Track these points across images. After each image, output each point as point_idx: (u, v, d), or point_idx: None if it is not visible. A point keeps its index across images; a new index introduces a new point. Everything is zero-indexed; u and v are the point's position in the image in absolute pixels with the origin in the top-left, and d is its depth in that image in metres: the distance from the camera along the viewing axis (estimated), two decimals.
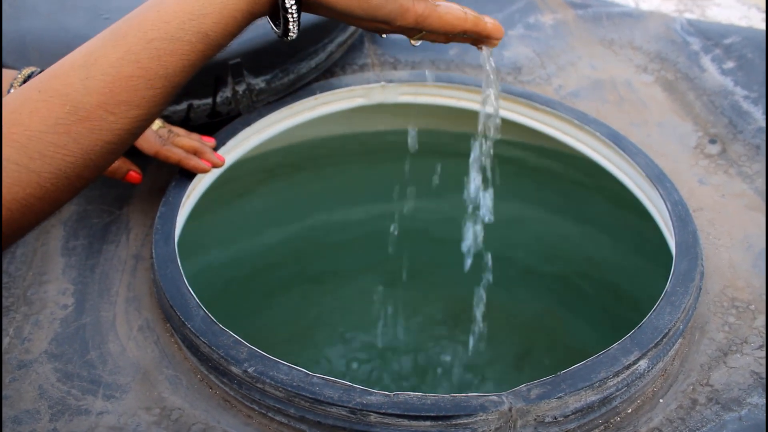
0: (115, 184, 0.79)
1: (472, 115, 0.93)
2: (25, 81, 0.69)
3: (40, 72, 0.71)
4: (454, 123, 1.14)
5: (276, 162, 1.19)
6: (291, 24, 0.51)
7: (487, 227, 1.24)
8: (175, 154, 0.72)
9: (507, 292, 1.25)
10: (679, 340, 0.63)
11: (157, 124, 0.74)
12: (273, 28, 0.53)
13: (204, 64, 0.49)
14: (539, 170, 1.15)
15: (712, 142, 0.88)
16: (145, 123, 0.47)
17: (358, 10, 0.52)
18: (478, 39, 0.62)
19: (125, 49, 0.45)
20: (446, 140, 1.18)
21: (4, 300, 0.67)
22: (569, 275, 1.21)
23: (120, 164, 0.72)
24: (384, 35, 0.74)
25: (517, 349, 1.23)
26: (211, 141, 0.78)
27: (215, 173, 0.82)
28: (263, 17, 0.52)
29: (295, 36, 0.52)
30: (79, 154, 0.44)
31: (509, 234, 1.23)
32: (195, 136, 0.76)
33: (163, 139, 0.72)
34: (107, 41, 0.46)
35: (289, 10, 0.49)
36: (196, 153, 0.74)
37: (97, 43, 0.47)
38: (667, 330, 0.60)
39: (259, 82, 0.81)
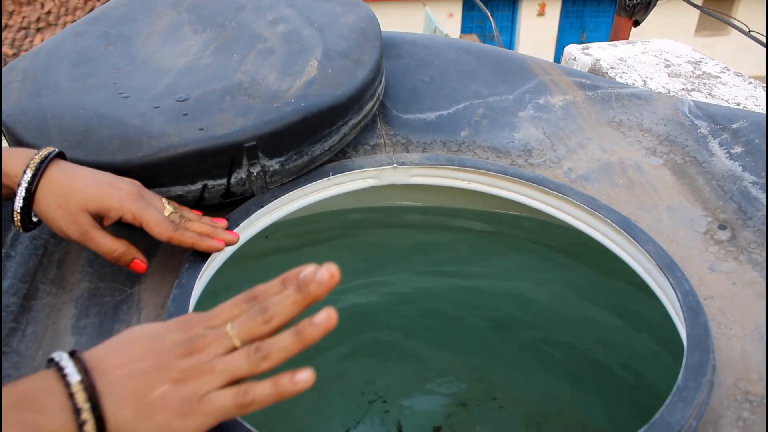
0: None
1: (483, 196, 0.94)
2: (41, 162, 0.70)
3: (57, 153, 0.72)
4: (465, 201, 1.15)
5: (282, 234, 1.20)
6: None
7: (499, 303, 1.24)
8: (188, 238, 0.73)
9: (517, 371, 1.24)
10: None
11: (168, 209, 0.75)
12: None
13: None
14: (552, 248, 1.16)
15: (722, 227, 0.89)
16: None
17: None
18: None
19: None
20: (456, 216, 1.19)
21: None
22: (580, 355, 1.20)
23: (125, 250, 0.72)
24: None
25: (534, 424, 1.21)
26: (222, 222, 0.79)
27: (227, 252, 0.83)
28: None
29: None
30: None
31: (522, 312, 1.23)
32: (206, 219, 0.77)
33: (174, 224, 0.73)
34: None
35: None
36: (208, 236, 0.75)
37: None
38: (679, 428, 0.59)
39: (273, 164, 0.83)
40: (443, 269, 1.26)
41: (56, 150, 0.73)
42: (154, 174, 0.79)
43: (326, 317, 0.53)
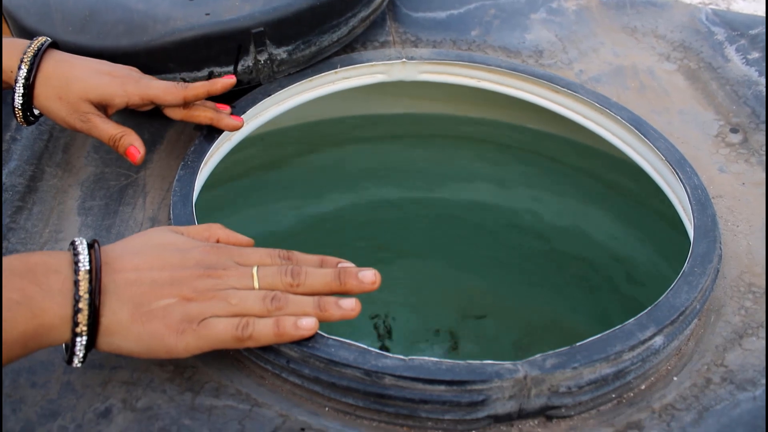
0: None
1: (490, 96, 0.93)
2: (35, 55, 0.68)
3: (51, 43, 0.71)
4: (472, 107, 1.14)
5: (290, 139, 1.19)
6: (77, 349, 0.49)
7: (500, 213, 1.24)
8: (206, 114, 0.73)
9: (519, 278, 1.24)
10: (695, 320, 0.62)
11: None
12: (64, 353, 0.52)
13: None
14: (556, 159, 1.15)
15: (734, 131, 0.88)
16: None
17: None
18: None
19: None
20: (465, 125, 1.18)
21: None
22: (579, 262, 1.20)
23: (126, 135, 0.70)
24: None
25: (529, 334, 1.22)
26: (225, 108, 0.77)
27: (234, 140, 0.82)
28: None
29: (79, 365, 0.51)
30: None
31: (523, 221, 1.23)
32: (210, 104, 0.76)
33: (183, 86, 0.71)
34: None
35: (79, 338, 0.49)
36: (212, 120, 0.74)
37: None
38: (683, 308, 0.59)
39: (280, 52, 0.81)
40: (442, 180, 1.26)
41: (48, 40, 0.70)
42: (159, 59, 0.77)
43: (352, 306, 0.54)
